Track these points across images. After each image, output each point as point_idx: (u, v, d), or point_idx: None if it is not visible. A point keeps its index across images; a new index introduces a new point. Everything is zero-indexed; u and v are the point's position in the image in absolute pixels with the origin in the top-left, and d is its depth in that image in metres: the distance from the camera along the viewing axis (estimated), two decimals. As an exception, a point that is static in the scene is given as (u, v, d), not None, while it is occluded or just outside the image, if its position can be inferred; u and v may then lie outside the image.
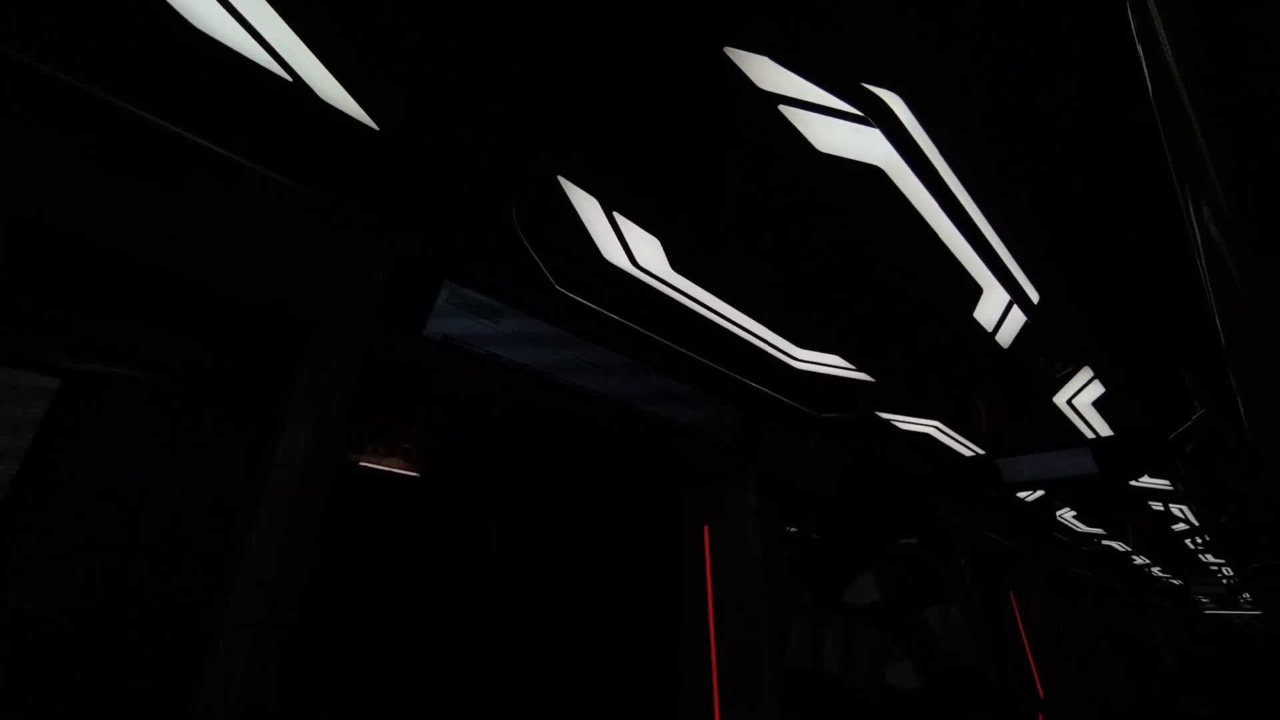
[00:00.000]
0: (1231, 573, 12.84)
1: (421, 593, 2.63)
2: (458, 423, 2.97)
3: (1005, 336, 2.74)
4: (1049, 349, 2.95)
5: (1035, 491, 5.88)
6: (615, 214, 2.08)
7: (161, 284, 1.84)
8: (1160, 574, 13.55)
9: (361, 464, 2.90)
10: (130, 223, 1.62)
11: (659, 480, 3.73)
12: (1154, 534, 8.43)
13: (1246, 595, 17.60)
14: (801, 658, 1.73)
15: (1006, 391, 3.52)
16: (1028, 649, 6.76)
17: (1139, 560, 11.34)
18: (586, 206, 2.08)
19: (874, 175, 1.86)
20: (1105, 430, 4.04)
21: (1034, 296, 2.45)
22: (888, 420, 3.97)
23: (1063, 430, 4.08)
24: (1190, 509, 6.67)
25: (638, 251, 2.22)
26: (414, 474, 2.97)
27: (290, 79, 1.57)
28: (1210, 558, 10.86)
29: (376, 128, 1.75)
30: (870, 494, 1.85)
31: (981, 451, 4.72)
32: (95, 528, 1.83)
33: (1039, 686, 6.65)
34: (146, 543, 1.87)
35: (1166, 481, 5.39)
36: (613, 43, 1.56)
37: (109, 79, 1.52)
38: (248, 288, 1.86)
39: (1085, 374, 3.25)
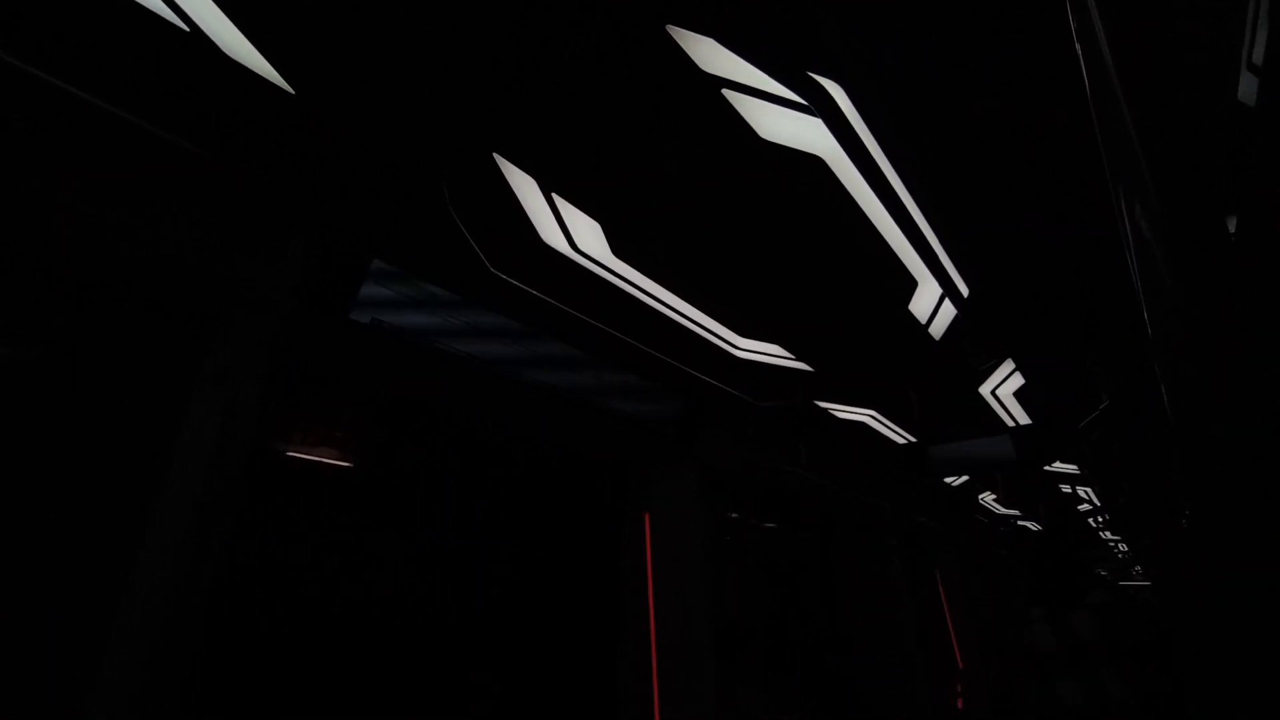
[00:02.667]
0: (1126, 548, 14.07)
1: (355, 585, 2.51)
2: (391, 410, 2.83)
3: (937, 329, 2.83)
4: (976, 342, 3.08)
5: (961, 476, 6.21)
6: (554, 196, 2.00)
7: (39, 251, 1.64)
8: (1066, 550, 14.65)
9: (289, 454, 2.73)
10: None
11: (600, 467, 3.70)
12: (1063, 513, 9.09)
13: (1138, 568, 19.35)
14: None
15: (938, 382, 3.67)
16: (950, 624, 7.18)
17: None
18: (524, 187, 1.99)
19: (815, 165, 1.86)
20: (1024, 419, 4.28)
21: (964, 290, 2.53)
22: (825, 409, 4.07)
23: (988, 418, 4.30)
24: (1093, 490, 7.21)
25: (577, 235, 2.15)
26: (346, 464, 2.81)
27: (187, 28, 1.41)
28: (1108, 534, 11.85)
29: (291, 91, 1.61)
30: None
31: (913, 439, 4.93)
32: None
33: (958, 658, 7.09)
34: (28, 537, 1.68)
35: (1074, 466, 5.80)
36: (552, 12, 1.48)
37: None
38: (140, 257, 1.69)
39: (1008, 366, 3.42)
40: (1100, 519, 9.69)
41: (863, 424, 4.46)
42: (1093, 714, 2.95)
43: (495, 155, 1.85)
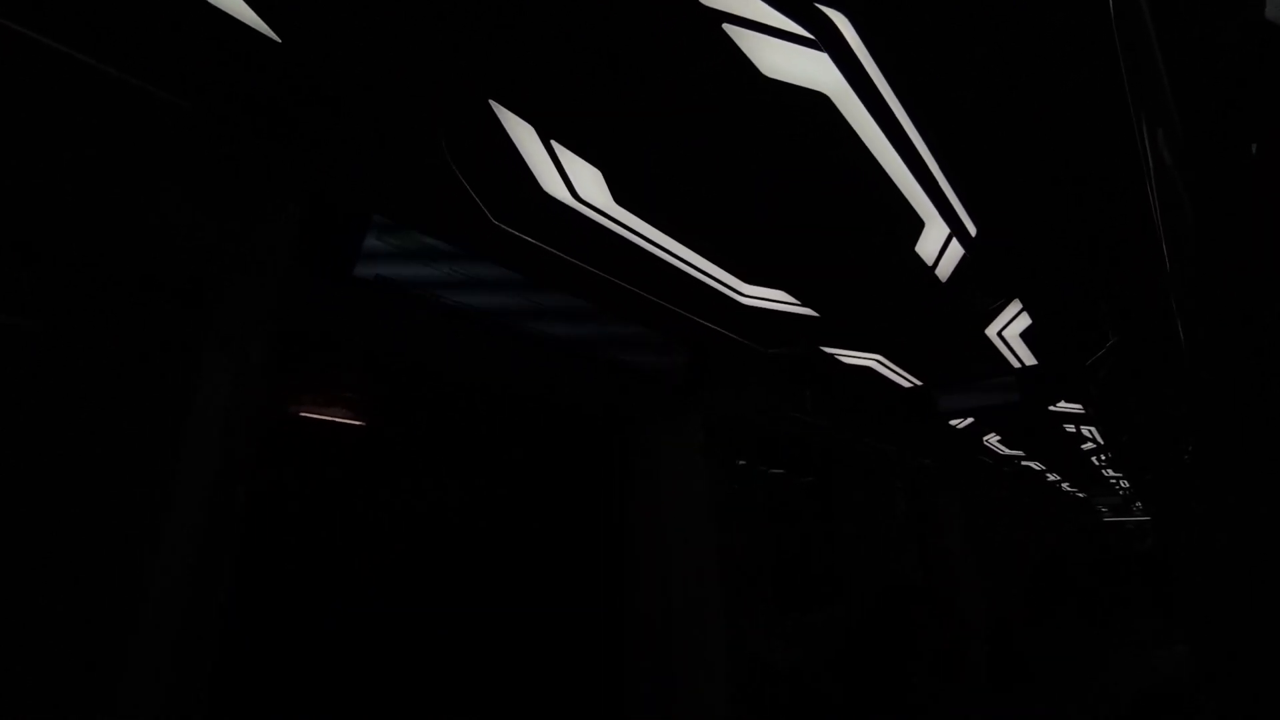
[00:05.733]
0: (1127, 485, 14.31)
1: (370, 542, 2.59)
2: (399, 368, 2.85)
3: (944, 270, 2.81)
4: (984, 282, 3.05)
5: (966, 419, 6.27)
6: (553, 142, 1.95)
7: (37, 218, 1.63)
8: (1068, 489, 14.95)
9: (302, 415, 2.78)
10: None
11: (607, 416, 3.75)
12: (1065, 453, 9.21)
13: (1138, 504, 19.74)
14: None
15: (944, 324, 3.65)
16: (952, 559, 7.41)
17: (1051, 477, 12.45)
18: (523, 135, 1.94)
19: (820, 103, 1.80)
20: (1030, 360, 4.28)
21: (972, 230, 2.49)
22: (831, 354, 4.08)
23: (993, 360, 4.30)
24: (1098, 430, 7.28)
25: (578, 183, 2.12)
26: (358, 423, 2.86)
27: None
28: (1110, 472, 12.04)
29: (279, 39, 1.55)
30: None
31: (919, 383, 4.95)
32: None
33: (958, 589, 7.34)
34: (57, 503, 1.74)
35: (1079, 406, 5.83)
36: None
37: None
38: (138, 221, 1.67)
39: (1015, 306, 3.40)
40: (1102, 457, 9.82)
41: (868, 368, 4.48)
42: None
43: (492, 102, 1.80)
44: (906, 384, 4.94)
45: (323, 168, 2.02)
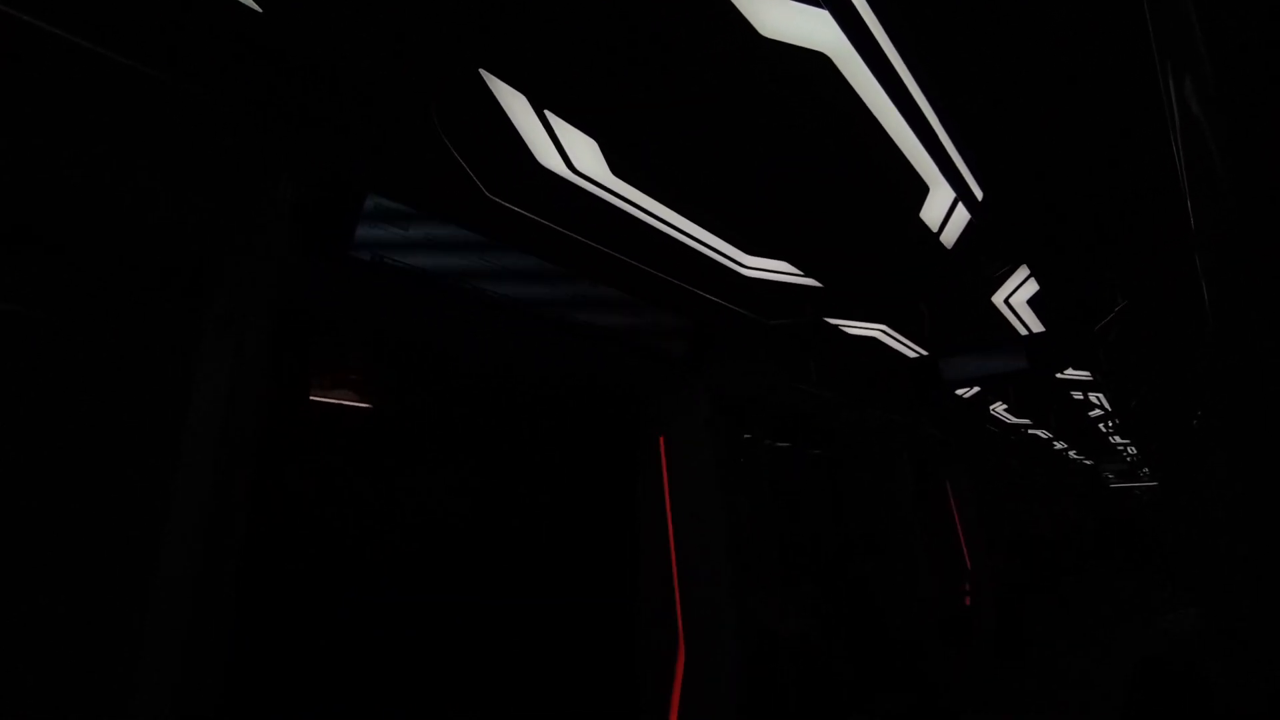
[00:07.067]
0: (1135, 451, 14.30)
1: (388, 520, 2.61)
2: (401, 348, 2.84)
3: (949, 237, 2.76)
4: (990, 248, 3.00)
5: (972, 388, 6.23)
6: (546, 113, 1.90)
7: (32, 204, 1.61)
8: (1075, 456, 14.95)
9: (311, 398, 2.78)
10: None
11: (612, 394, 3.74)
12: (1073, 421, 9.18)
13: (1146, 470, 19.73)
14: None
15: (949, 292, 3.61)
16: (959, 530, 7.45)
17: (1059, 445, 12.43)
18: (515, 106, 1.90)
19: (821, 64, 1.75)
20: (1038, 327, 4.23)
21: (978, 194, 2.44)
22: (835, 325, 4.04)
23: (1000, 328, 4.25)
24: (1106, 396, 7.24)
25: (574, 154, 2.07)
26: (364, 405, 2.86)
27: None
28: (1118, 439, 12.01)
29: (259, 8, 1.51)
30: None
31: (924, 352, 4.91)
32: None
33: (967, 559, 7.40)
34: (62, 490, 1.75)
35: (1087, 372, 5.79)
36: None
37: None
38: (126, 207, 1.65)
39: (1022, 272, 3.34)
40: (1110, 424, 9.78)
41: (873, 339, 4.44)
42: None
43: (482, 71, 1.75)
44: (912, 354, 4.90)
45: (313, 144, 1.98)
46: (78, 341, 1.84)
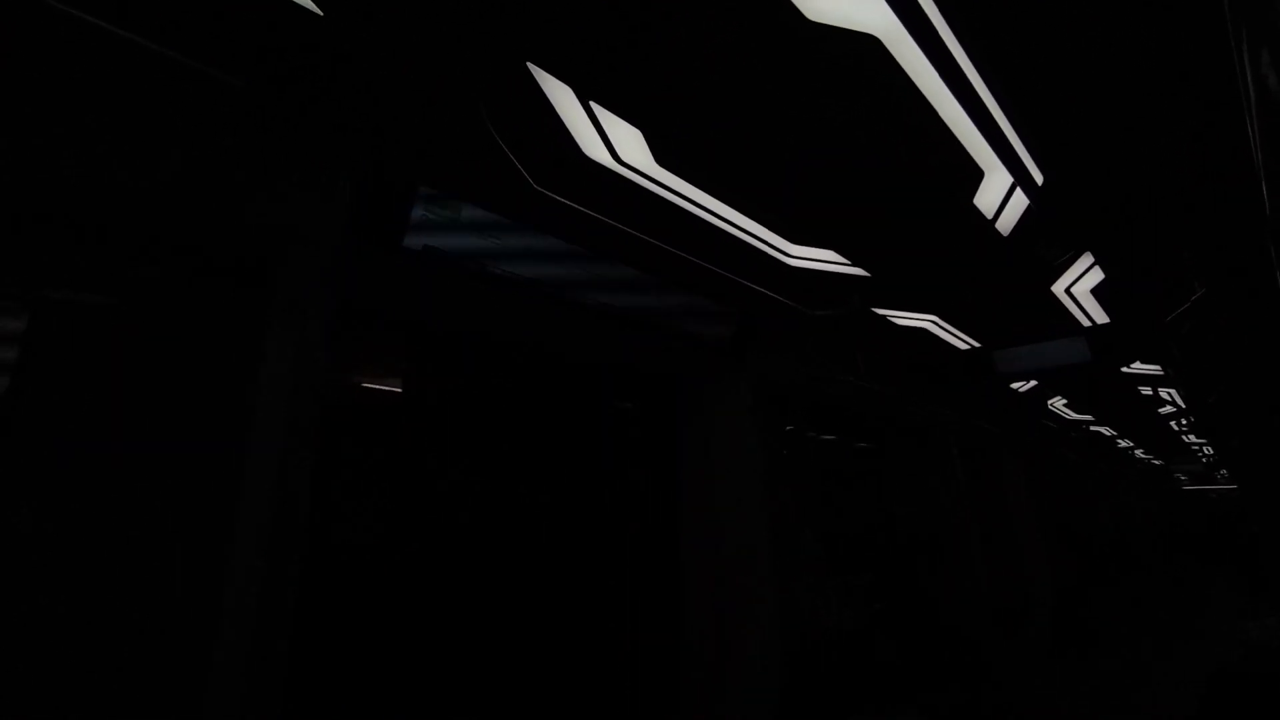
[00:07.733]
0: (1211, 451, 13.37)
1: (436, 505, 2.71)
2: (449, 336, 2.94)
3: (1005, 224, 2.65)
4: (1050, 235, 2.86)
5: (1029, 382, 5.97)
6: (592, 104, 1.93)
7: (112, 204, 1.74)
8: (1142, 455, 14.11)
9: (364, 385, 2.90)
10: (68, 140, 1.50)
11: (657, 383, 3.77)
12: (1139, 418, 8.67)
13: (1223, 472, 18.45)
14: None
15: (1004, 282, 3.46)
16: (1012, 526, 7.19)
17: (1123, 444, 11.77)
18: (561, 97, 1.93)
19: (871, 47, 1.70)
20: (1102, 318, 4.01)
21: (1038, 178, 2.33)
22: (883, 316, 3.95)
23: (1059, 319, 4.06)
24: (1179, 392, 6.80)
25: (619, 145, 2.09)
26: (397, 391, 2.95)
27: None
28: (1192, 438, 11.26)
29: (320, 12, 1.58)
30: None
31: (977, 344, 4.74)
32: (81, 458, 1.82)
33: (1023, 559, 7.14)
34: (137, 474, 1.88)
35: (1157, 367, 5.45)
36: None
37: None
38: (202, 202, 1.76)
39: (1086, 260, 3.18)
40: (1183, 422, 9.19)
41: (923, 330, 4.32)
42: None
43: (529, 65, 1.78)
44: (964, 346, 4.74)
45: (370, 142, 2.06)
46: (156, 331, 1.98)
